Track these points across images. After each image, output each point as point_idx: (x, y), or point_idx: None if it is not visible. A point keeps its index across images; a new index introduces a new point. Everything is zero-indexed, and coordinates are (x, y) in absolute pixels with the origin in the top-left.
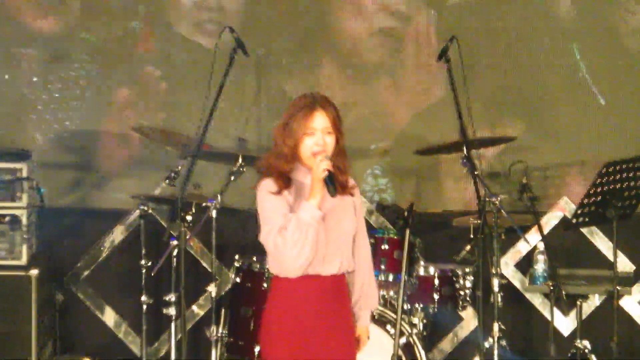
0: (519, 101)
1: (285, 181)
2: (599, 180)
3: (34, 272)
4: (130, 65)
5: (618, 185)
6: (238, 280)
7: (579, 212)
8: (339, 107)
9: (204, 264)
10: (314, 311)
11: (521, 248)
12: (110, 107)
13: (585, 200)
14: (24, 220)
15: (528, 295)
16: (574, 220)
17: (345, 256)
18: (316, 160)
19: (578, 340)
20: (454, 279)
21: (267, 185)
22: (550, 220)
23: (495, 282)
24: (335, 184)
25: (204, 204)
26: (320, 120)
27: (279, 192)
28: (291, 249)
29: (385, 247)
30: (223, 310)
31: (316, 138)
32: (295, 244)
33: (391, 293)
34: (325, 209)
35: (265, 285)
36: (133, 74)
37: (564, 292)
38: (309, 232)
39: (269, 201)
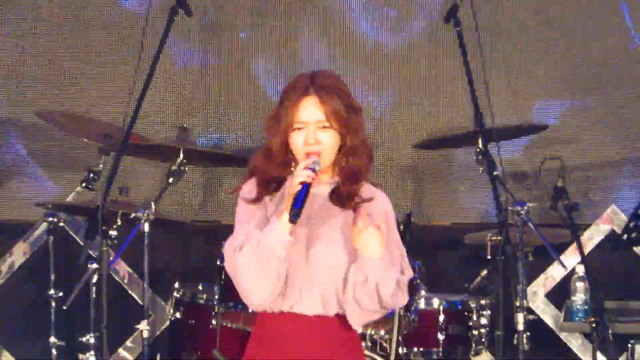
0: (555, 77)
1: (267, 186)
2: None
3: None
4: (30, 28)
5: None
6: (178, 316)
7: (632, 225)
8: None
9: (134, 295)
10: None
11: (555, 273)
12: (3, 86)
13: None
14: None
15: (563, 336)
16: (625, 236)
17: (331, 293)
18: (298, 167)
19: None
20: (466, 314)
21: (246, 189)
22: (594, 237)
23: (520, 319)
24: (303, 205)
25: (133, 215)
26: (310, 111)
27: (257, 200)
28: (244, 279)
29: None
30: (159, 356)
31: (306, 134)
32: (249, 274)
33: (382, 333)
34: (310, 230)
35: (214, 322)
36: (36, 42)
37: (610, 332)
38: (271, 262)
39: (240, 209)
